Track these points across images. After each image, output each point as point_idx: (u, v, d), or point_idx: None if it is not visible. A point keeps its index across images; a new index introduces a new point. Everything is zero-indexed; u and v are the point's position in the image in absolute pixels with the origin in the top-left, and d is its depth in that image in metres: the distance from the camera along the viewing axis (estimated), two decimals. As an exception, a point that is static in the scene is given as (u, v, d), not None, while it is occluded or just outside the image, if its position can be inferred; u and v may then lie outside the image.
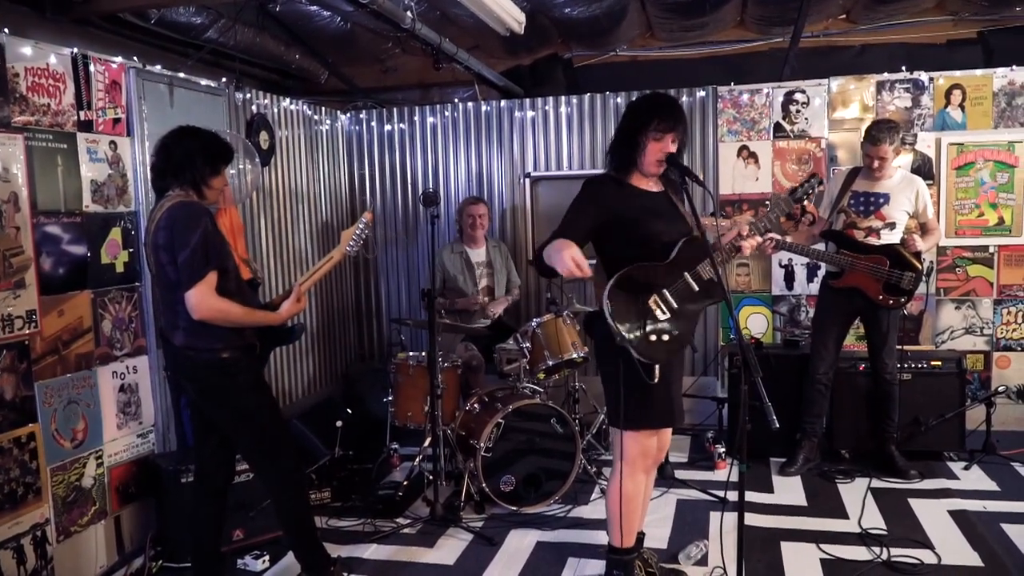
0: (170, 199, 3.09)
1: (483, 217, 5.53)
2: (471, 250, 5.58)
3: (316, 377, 5.99)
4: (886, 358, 4.67)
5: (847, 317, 4.79)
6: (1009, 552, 3.73)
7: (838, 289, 4.68)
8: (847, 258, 4.60)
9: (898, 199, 4.56)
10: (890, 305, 4.57)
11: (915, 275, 4.52)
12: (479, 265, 5.58)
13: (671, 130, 3.04)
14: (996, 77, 5.43)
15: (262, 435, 3.29)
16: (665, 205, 3.18)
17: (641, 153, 3.07)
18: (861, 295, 4.60)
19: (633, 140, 3.08)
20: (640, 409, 3.10)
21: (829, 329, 4.79)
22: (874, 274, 4.54)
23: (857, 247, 4.60)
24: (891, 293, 4.54)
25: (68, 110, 3.64)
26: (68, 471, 3.61)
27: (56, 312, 3.55)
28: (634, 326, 2.98)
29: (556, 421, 4.41)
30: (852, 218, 4.65)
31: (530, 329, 4.70)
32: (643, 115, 3.07)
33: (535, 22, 5.32)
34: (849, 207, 4.66)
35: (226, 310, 3.06)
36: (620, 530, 3.21)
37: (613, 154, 3.18)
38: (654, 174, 3.15)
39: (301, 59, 5.77)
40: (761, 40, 6.04)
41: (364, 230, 3.49)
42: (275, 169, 5.48)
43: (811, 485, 4.65)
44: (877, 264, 4.54)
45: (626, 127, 3.13)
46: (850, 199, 4.67)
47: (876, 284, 4.55)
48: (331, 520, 4.34)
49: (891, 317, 4.64)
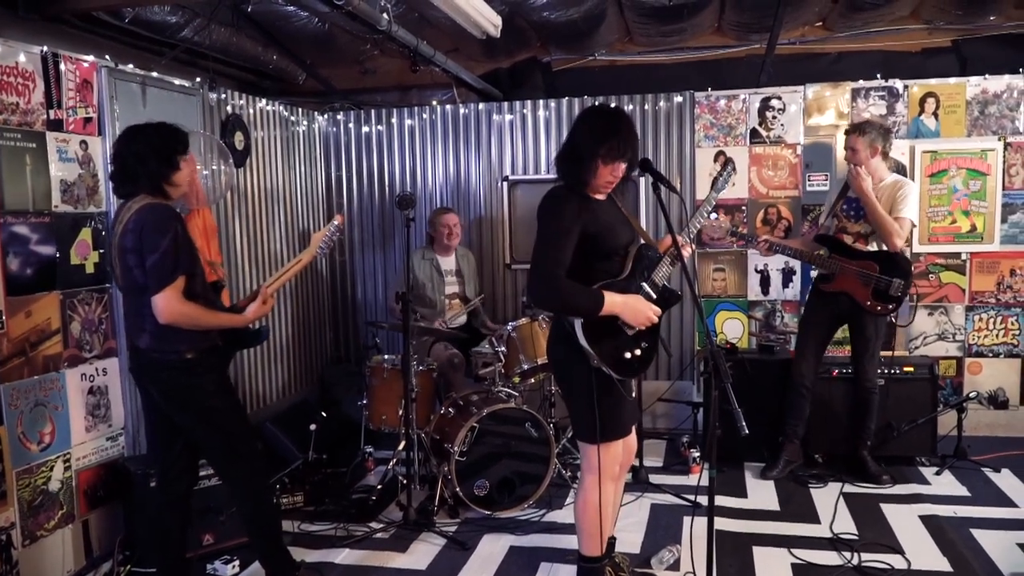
0: (137, 201, 3.05)
1: (457, 226, 5.50)
2: (441, 258, 5.54)
3: (290, 380, 5.95)
4: (867, 365, 4.69)
5: (833, 321, 4.80)
6: (978, 557, 3.76)
7: (827, 293, 4.70)
8: (838, 262, 4.63)
9: (885, 204, 4.57)
10: (878, 311, 4.58)
11: (904, 282, 4.53)
12: (448, 273, 5.55)
13: (622, 156, 2.96)
14: (969, 86, 5.49)
15: (227, 438, 3.26)
16: (616, 212, 3.14)
17: (593, 175, 2.99)
18: (850, 300, 4.62)
19: (584, 161, 2.98)
20: (612, 421, 3.11)
21: (814, 332, 4.82)
22: (864, 279, 4.56)
23: (849, 252, 4.63)
24: (879, 299, 4.56)
25: (38, 109, 3.60)
26: (34, 474, 3.56)
27: (23, 313, 3.50)
28: (607, 347, 2.99)
29: (531, 425, 4.40)
30: (843, 222, 4.69)
31: (505, 333, 4.69)
32: (594, 140, 2.95)
33: (513, 25, 5.31)
34: (841, 212, 4.71)
35: (193, 314, 3.03)
36: (597, 540, 3.20)
37: (567, 170, 3.05)
38: (606, 192, 3.11)
39: (278, 60, 5.73)
40: (738, 46, 6.07)
41: (335, 233, 3.47)
42: (250, 170, 5.44)
43: (784, 490, 4.67)
44: (867, 269, 4.56)
45: (577, 146, 3.00)
46: (843, 204, 4.71)
47: (865, 289, 4.57)
48: (304, 524, 4.31)
49: (877, 324, 4.66)
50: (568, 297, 2.92)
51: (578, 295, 2.92)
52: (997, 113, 5.45)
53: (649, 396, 5.65)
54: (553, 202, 3.01)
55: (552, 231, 2.95)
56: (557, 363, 3.21)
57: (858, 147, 4.55)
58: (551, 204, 3.01)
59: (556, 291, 2.90)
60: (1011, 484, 4.67)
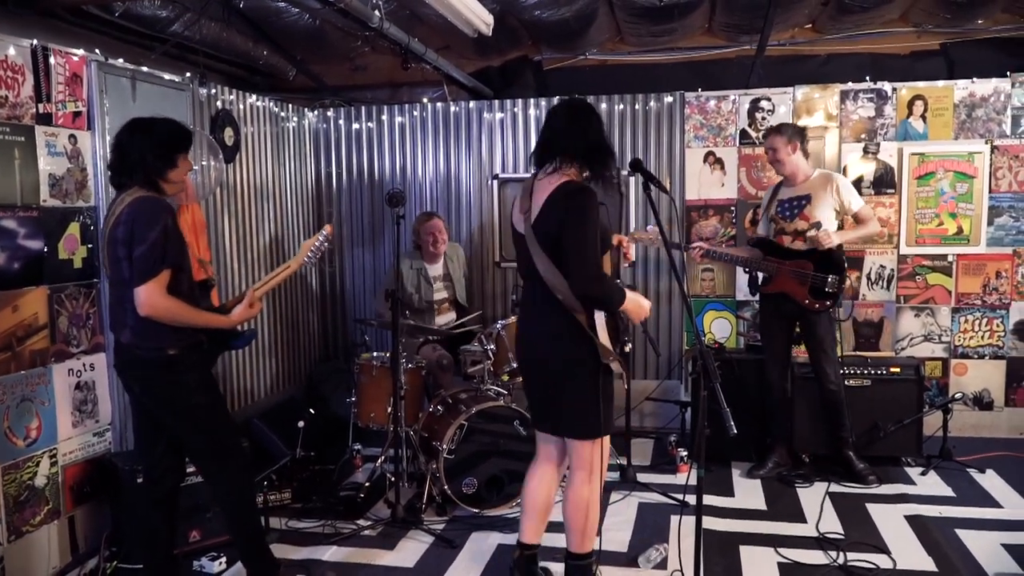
0: (131, 193, 3.04)
1: (442, 232, 5.43)
2: (429, 265, 5.48)
3: (279, 376, 5.94)
4: (825, 366, 4.70)
5: (784, 322, 4.82)
6: (963, 557, 3.78)
7: (770, 295, 4.77)
8: (772, 264, 4.69)
9: (819, 197, 4.64)
10: (816, 309, 4.61)
11: (838, 277, 4.57)
12: (436, 279, 5.50)
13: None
14: (957, 89, 5.52)
15: (209, 436, 3.25)
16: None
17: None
18: (790, 300, 4.67)
19: (609, 151, 3.09)
20: (611, 415, 3.20)
21: (771, 336, 4.88)
22: (799, 278, 4.62)
23: (783, 253, 4.69)
24: (816, 296, 4.60)
25: (27, 102, 3.57)
26: (20, 470, 3.54)
27: (10, 308, 3.48)
28: (611, 343, 3.09)
29: (519, 423, 4.40)
30: (781, 224, 4.75)
31: (495, 331, 4.69)
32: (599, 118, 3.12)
33: (505, 23, 5.32)
34: (777, 214, 4.78)
35: (174, 309, 3.01)
36: (587, 537, 3.23)
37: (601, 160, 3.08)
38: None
39: (269, 55, 5.72)
40: (729, 47, 6.09)
41: (324, 243, 3.47)
42: (240, 166, 5.42)
43: (771, 489, 4.69)
44: (801, 268, 4.61)
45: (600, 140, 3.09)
46: (777, 207, 4.78)
47: (802, 288, 4.62)
48: (291, 521, 4.30)
49: (822, 323, 4.67)
50: (610, 291, 3.04)
51: (615, 290, 3.06)
52: (984, 116, 5.49)
53: (637, 395, 5.66)
54: (586, 196, 2.99)
55: (591, 225, 2.96)
56: (561, 360, 3.11)
57: (777, 145, 4.64)
58: (585, 198, 2.99)
59: (604, 285, 3.01)
60: (996, 485, 4.70)
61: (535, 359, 3.23)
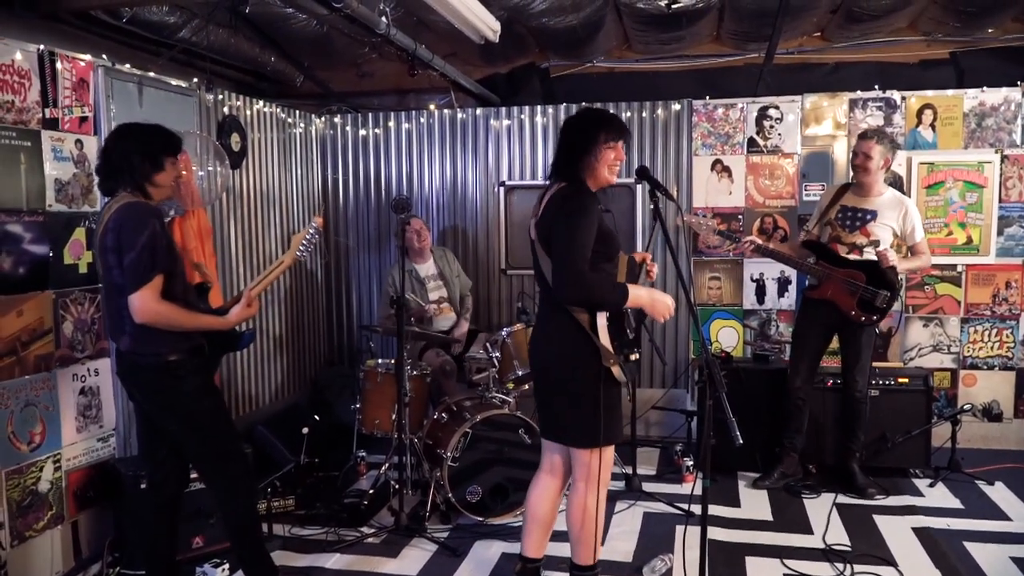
0: (119, 200, 3.03)
1: (423, 228, 5.44)
2: (419, 266, 5.48)
3: (284, 383, 5.93)
4: (857, 376, 4.66)
5: (824, 330, 4.76)
6: (971, 570, 3.75)
7: (814, 301, 4.68)
8: (824, 270, 4.61)
9: (885, 217, 4.57)
10: (862, 321, 4.56)
11: (891, 294, 4.51)
12: (429, 279, 5.49)
13: (621, 135, 3.09)
14: (967, 98, 5.50)
15: (211, 441, 3.23)
16: (611, 220, 3.20)
17: (598, 159, 3.07)
18: (836, 309, 4.59)
19: (588, 149, 3.07)
20: (614, 424, 3.14)
21: (805, 342, 4.79)
22: (850, 288, 4.54)
23: (836, 260, 4.61)
24: (864, 310, 4.53)
25: (33, 107, 3.58)
26: (24, 475, 3.53)
27: (15, 312, 3.48)
28: (615, 348, 3.06)
29: (524, 431, 4.38)
30: (837, 231, 4.66)
31: (500, 338, 4.68)
32: (592, 126, 3.09)
33: (512, 30, 5.31)
34: (836, 220, 4.67)
35: (169, 314, 3.00)
36: (592, 548, 3.20)
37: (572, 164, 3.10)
38: (611, 183, 3.17)
39: (276, 61, 5.72)
40: (737, 55, 6.07)
41: (314, 235, 3.44)
42: (247, 172, 5.42)
43: (777, 500, 4.66)
44: (853, 279, 4.54)
45: (575, 142, 3.10)
46: (838, 213, 4.68)
47: (851, 299, 4.54)
48: (294, 528, 4.29)
49: (865, 334, 4.63)
50: (598, 289, 2.98)
51: (607, 287, 3.01)
52: (994, 125, 5.46)
53: (643, 404, 5.63)
54: (574, 200, 3.01)
55: (577, 226, 2.95)
56: (561, 364, 3.10)
57: (874, 154, 4.50)
58: (572, 202, 3.01)
59: (586, 284, 2.93)
60: (1004, 497, 4.67)
61: (539, 366, 3.23)
